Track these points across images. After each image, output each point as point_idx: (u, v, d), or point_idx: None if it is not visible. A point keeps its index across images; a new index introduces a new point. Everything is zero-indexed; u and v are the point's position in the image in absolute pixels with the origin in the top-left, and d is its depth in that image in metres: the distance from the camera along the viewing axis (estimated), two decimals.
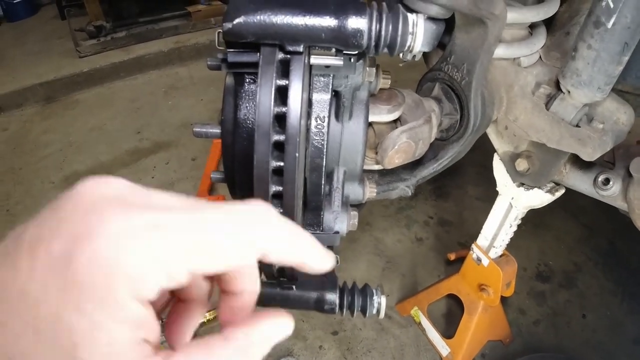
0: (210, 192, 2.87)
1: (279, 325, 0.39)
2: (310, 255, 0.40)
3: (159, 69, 4.36)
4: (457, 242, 2.53)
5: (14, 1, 5.19)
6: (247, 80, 0.73)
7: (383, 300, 0.80)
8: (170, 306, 0.44)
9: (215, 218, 0.36)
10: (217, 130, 0.77)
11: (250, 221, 0.37)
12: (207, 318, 2.05)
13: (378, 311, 0.79)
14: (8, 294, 0.33)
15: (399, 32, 0.57)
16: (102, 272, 0.31)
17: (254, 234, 0.37)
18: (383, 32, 0.56)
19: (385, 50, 0.58)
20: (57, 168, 3.21)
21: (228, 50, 0.65)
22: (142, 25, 4.62)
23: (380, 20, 0.56)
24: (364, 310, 0.79)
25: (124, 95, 4.02)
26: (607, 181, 1.18)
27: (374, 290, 0.81)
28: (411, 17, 0.57)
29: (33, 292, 0.32)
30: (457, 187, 2.85)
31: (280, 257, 0.38)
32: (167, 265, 0.33)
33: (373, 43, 0.57)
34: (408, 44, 0.57)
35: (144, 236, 0.32)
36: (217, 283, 0.42)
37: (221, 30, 0.62)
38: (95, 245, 0.32)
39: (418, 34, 0.57)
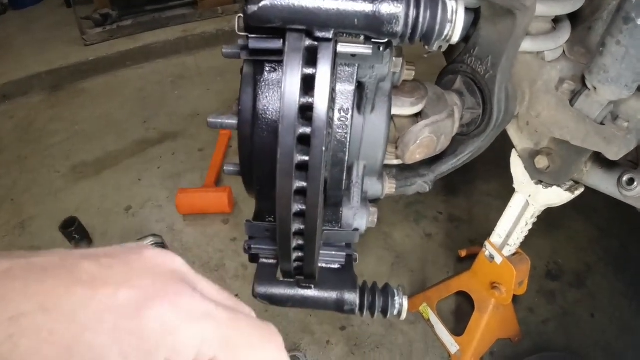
0: (217, 184, 2.84)
1: None
2: None
3: (165, 58, 4.31)
4: (467, 238, 2.50)
5: None
6: (268, 68, 0.70)
7: (405, 301, 0.76)
8: None
9: (247, 325, 0.43)
10: (233, 121, 0.74)
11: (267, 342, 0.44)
12: None
13: (399, 312, 0.76)
14: (53, 308, 0.35)
15: (438, 20, 0.52)
16: (158, 333, 0.36)
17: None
18: (421, 19, 0.52)
19: (420, 40, 0.55)
20: (64, 157, 3.19)
21: (249, 36, 0.61)
22: (148, 13, 4.58)
23: (417, 6, 0.52)
24: (384, 311, 0.76)
25: (130, 85, 3.99)
26: (631, 181, 1.14)
27: (395, 291, 0.77)
28: (450, 3, 0.53)
29: (83, 319, 0.35)
30: (467, 182, 2.81)
31: None
32: (200, 348, 0.38)
33: (409, 31, 0.53)
34: (446, 32, 0.53)
35: (199, 320, 0.39)
36: None
37: (242, 15, 0.58)
38: (167, 310, 0.38)
39: (457, 22, 0.53)
